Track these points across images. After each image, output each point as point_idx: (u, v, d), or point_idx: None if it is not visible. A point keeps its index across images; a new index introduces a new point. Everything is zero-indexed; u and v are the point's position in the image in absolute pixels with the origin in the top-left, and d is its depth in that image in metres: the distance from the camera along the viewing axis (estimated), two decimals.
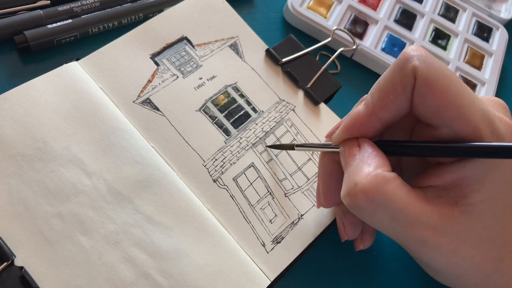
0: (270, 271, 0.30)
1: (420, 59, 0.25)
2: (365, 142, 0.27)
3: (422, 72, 0.24)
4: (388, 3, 0.47)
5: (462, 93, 0.24)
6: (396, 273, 0.34)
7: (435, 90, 0.24)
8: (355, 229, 0.31)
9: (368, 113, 0.26)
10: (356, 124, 0.27)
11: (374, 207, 0.24)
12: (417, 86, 0.25)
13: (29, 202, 0.28)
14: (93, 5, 0.38)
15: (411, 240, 0.25)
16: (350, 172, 0.26)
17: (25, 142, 0.30)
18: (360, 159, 0.26)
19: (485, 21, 0.50)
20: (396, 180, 0.24)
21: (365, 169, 0.25)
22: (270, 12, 0.44)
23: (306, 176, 0.34)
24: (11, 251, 0.27)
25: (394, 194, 0.24)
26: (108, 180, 0.30)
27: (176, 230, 0.30)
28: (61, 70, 0.33)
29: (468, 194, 0.25)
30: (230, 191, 0.32)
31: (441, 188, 0.25)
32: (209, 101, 0.35)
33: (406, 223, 0.24)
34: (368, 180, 0.24)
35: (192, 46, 0.37)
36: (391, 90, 0.25)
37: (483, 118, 0.24)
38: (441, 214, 0.24)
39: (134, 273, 0.28)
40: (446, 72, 0.25)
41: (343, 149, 0.27)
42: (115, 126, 0.32)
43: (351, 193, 0.25)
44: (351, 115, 0.27)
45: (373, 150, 0.26)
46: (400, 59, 0.25)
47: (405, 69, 0.25)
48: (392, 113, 0.26)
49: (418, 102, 0.25)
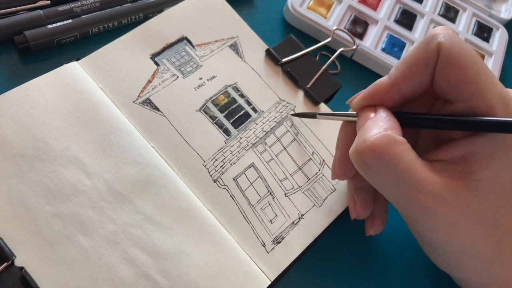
0: (270, 271, 0.30)
1: (446, 37, 0.26)
2: (381, 108, 0.28)
3: (446, 48, 0.25)
4: (388, 3, 0.47)
5: (483, 72, 0.25)
6: (396, 273, 0.34)
7: (456, 66, 0.25)
8: (366, 207, 0.32)
9: (390, 83, 0.27)
10: (377, 92, 0.28)
11: (379, 166, 0.25)
12: (439, 61, 0.26)
13: (29, 202, 0.28)
14: (93, 5, 0.38)
15: (411, 205, 0.26)
16: (362, 131, 0.26)
17: (25, 142, 0.30)
18: (373, 121, 0.26)
19: (485, 21, 0.50)
20: (405, 144, 0.25)
21: (375, 129, 0.25)
22: (270, 12, 0.44)
23: (307, 176, 0.34)
24: (11, 252, 0.27)
25: (401, 155, 0.25)
26: (108, 180, 0.30)
27: (176, 230, 0.30)
28: (61, 70, 0.33)
29: (475, 170, 0.25)
30: (230, 191, 0.32)
31: (449, 163, 0.26)
32: (209, 101, 0.35)
33: (409, 186, 0.25)
34: (376, 137, 0.25)
35: (192, 46, 0.37)
36: (414, 63, 0.27)
37: (499, 98, 0.25)
38: (445, 185, 0.25)
39: (134, 273, 0.28)
40: (469, 52, 0.26)
41: (360, 114, 0.28)
42: (115, 126, 0.32)
43: (358, 149, 0.25)
44: (373, 84, 0.28)
45: (387, 115, 0.27)
46: (427, 36, 0.27)
47: (430, 45, 0.26)
48: (413, 86, 0.27)
49: (440, 77, 0.26)
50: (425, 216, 0.26)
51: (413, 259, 0.35)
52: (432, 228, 0.26)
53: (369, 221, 0.33)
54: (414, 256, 0.35)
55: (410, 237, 0.32)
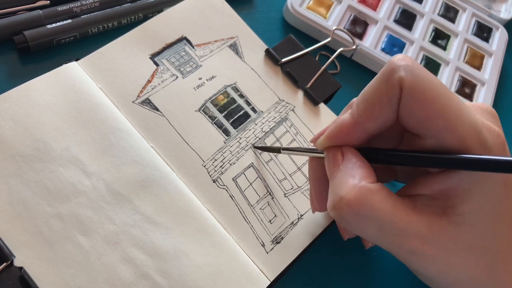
0: (270, 271, 0.30)
1: (407, 69, 0.24)
2: (348, 151, 0.26)
3: (409, 83, 0.24)
4: (388, 3, 0.47)
5: (449, 104, 0.24)
6: (396, 273, 0.34)
7: (421, 101, 0.24)
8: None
9: (353, 123, 0.26)
10: (341, 132, 0.26)
11: (359, 220, 0.24)
12: (403, 97, 0.24)
13: (28, 202, 0.28)
14: (92, 5, 0.38)
15: (399, 250, 0.25)
16: (335, 184, 0.25)
17: (24, 142, 0.30)
18: (344, 171, 0.25)
19: (485, 21, 0.50)
20: (381, 192, 0.24)
21: (349, 182, 0.24)
22: (270, 12, 0.44)
23: (306, 176, 0.34)
24: (11, 252, 0.27)
25: (379, 205, 0.24)
26: (107, 180, 0.30)
27: (175, 231, 0.30)
28: (60, 70, 0.33)
29: (456, 204, 0.24)
30: (229, 191, 0.32)
31: (429, 197, 0.25)
32: (208, 101, 0.35)
33: (394, 233, 0.24)
34: (352, 194, 0.24)
35: (191, 46, 0.37)
36: (376, 101, 0.25)
37: (470, 129, 0.23)
38: (429, 224, 0.24)
39: (133, 273, 0.28)
40: (433, 83, 0.24)
41: (327, 155, 0.27)
42: (115, 126, 0.32)
43: (336, 206, 0.25)
44: (336, 122, 0.27)
45: (357, 160, 0.26)
46: (386, 69, 0.25)
47: (391, 80, 0.24)
48: (378, 124, 0.25)
49: (405, 113, 0.24)
50: (415, 257, 0.25)
51: None
52: (423, 266, 0.26)
53: None
54: None
55: None
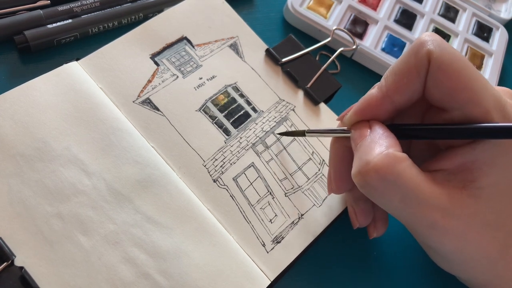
0: (270, 271, 0.30)
1: (435, 44, 0.25)
2: (376, 124, 0.27)
3: (437, 55, 0.25)
4: (388, 3, 0.47)
5: (475, 77, 0.25)
6: (396, 273, 0.34)
7: (449, 73, 0.25)
8: (367, 216, 0.32)
9: (382, 96, 0.27)
10: (369, 106, 0.27)
11: (384, 186, 0.25)
12: (431, 69, 0.25)
13: (29, 202, 0.28)
14: (93, 5, 0.38)
15: (419, 222, 0.25)
16: (361, 151, 0.26)
17: (25, 142, 0.30)
18: (371, 139, 0.26)
19: (485, 21, 0.50)
20: (407, 161, 0.25)
21: (376, 149, 0.25)
22: (270, 12, 0.44)
23: (306, 176, 0.34)
24: (11, 251, 0.27)
25: (405, 173, 0.24)
26: (108, 180, 0.30)
27: (176, 230, 0.30)
28: (61, 70, 0.33)
29: (476, 178, 0.25)
30: (230, 191, 0.32)
31: (450, 172, 0.26)
32: (209, 101, 0.35)
33: (416, 203, 0.25)
34: (379, 158, 0.24)
35: (192, 46, 0.37)
36: (405, 73, 0.26)
37: (495, 102, 0.25)
38: (450, 197, 0.25)
39: (134, 273, 0.28)
40: (459, 57, 0.25)
41: (354, 132, 0.28)
42: (115, 126, 0.32)
43: (362, 171, 0.25)
44: (363, 98, 0.28)
45: (384, 131, 0.26)
46: (415, 44, 0.26)
47: (420, 53, 0.25)
48: (405, 97, 0.26)
49: (432, 85, 0.25)
50: (434, 231, 0.25)
51: (413, 259, 0.35)
52: (440, 241, 0.26)
53: (371, 225, 0.33)
54: (414, 256, 0.35)
55: (410, 237, 0.32)
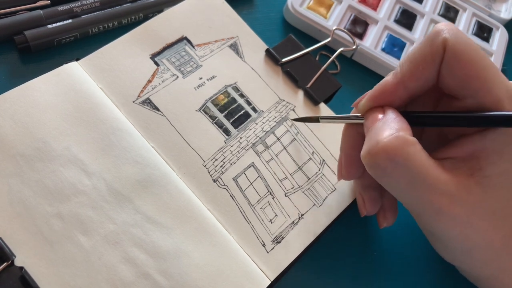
0: (270, 271, 0.30)
1: (450, 32, 0.26)
2: (389, 109, 0.27)
3: (452, 44, 0.26)
4: (388, 3, 0.47)
5: (489, 67, 0.25)
6: (396, 273, 0.34)
7: (463, 61, 0.25)
8: (375, 204, 0.32)
9: (396, 82, 0.27)
10: (383, 93, 0.28)
11: (393, 167, 0.25)
12: (446, 57, 0.26)
13: (29, 202, 0.28)
14: (93, 5, 0.38)
15: (426, 206, 0.26)
16: (372, 133, 0.26)
17: (25, 142, 0.30)
18: (383, 122, 0.26)
19: (485, 21, 0.50)
20: (417, 145, 0.25)
21: (387, 131, 0.25)
22: (270, 12, 0.44)
23: (307, 176, 0.34)
24: (11, 251, 0.27)
25: (414, 156, 0.25)
26: (108, 180, 0.30)
27: (176, 230, 0.30)
28: (61, 70, 0.33)
29: (485, 166, 0.25)
30: (230, 191, 0.32)
31: (459, 160, 0.26)
32: (209, 101, 0.35)
33: (424, 187, 0.25)
34: (389, 139, 0.25)
35: (192, 46, 0.37)
36: (420, 60, 0.27)
37: (506, 92, 0.25)
38: (458, 183, 0.25)
39: (134, 273, 0.28)
40: (474, 46, 0.26)
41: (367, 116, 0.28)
42: (115, 126, 0.32)
43: (371, 151, 0.25)
44: (378, 85, 0.28)
45: (396, 115, 0.27)
46: (431, 32, 0.27)
47: (435, 41, 0.26)
48: (420, 83, 0.27)
49: (446, 72, 0.26)
50: (439, 216, 0.26)
51: (413, 258, 0.35)
52: (445, 227, 0.26)
53: (381, 214, 0.33)
54: (414, 255, 0.35)
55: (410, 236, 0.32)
